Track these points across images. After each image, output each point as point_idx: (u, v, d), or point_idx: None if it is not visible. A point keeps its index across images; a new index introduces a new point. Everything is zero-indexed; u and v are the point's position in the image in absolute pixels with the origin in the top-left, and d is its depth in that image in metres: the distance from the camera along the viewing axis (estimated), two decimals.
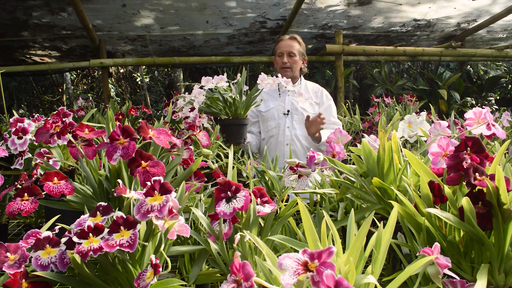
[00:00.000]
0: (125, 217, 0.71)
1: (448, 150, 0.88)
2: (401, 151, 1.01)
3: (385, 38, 4.92)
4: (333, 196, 1.16)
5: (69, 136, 1.07)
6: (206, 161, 1.34)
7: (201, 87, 1.93)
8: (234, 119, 1.95)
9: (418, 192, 0.83)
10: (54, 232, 0.77)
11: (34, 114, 1.88)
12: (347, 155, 1.21)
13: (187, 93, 2.03)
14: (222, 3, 3.77)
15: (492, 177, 0.71)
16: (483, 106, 1.02)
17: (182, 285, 0.72)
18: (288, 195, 1.08)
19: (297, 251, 0.52)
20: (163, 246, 0.75)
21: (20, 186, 0.99)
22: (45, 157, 1.25)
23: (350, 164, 1.15)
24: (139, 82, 8.81)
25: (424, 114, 1.36)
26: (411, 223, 0.78)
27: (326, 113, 2.50)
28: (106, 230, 0.71)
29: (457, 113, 4.13)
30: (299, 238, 0.92)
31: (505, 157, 1.11)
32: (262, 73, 1.98)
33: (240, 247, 0.80)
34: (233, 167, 1.01)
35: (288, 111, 2.55)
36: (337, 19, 4.28)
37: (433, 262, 0.62)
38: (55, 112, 1.15)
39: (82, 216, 0.76)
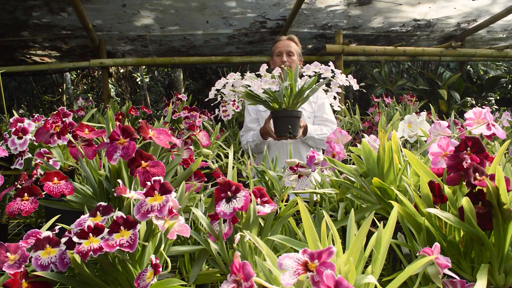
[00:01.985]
0: (125, 217, 0.71)
1: (448, 150, 0.88)
2: (401, 151, 1.01)
3: (385, 38, 4.92)
4: (333, 196, 1.16)
5: (69, 136, 1.07)
6: (206, 161, 1.34)
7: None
8: (292, 111, 1.87)
9: (418, 192, 0.83)
10: (54, 232, 0.77)
11: (34, 114, 1.88)
12: (347, 155, 1.21)
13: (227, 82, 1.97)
14: (222, 3, 3.77)
15: (492, 177, 0.71)
16: (483, 106, 1.02)
17: (182, 285, 0.72)
18: (288, 195, 1.08)
19: (297, 251, 0.52)
20: (163, 246, 0.75)
21: (20, 186, 0.99)
22: (45, 157, 1.25)
23: (350, 164, 1.15)
24: (139, 82, 8.82)
25: (424, 114, 1.36)
26: (411, 223, 0.78)
27: (319, 110, 2.49)
28: (106, 230, 0.71)
29: (457, 113, 4.13)
30: (299, 238, 0.92)
31: (505, 157, 1.11)
32: (263, 64, 1.93)
33: (240, 247, 0.80)
34: (233, 167, 1.01)
35: None
36: (337, 19, 4.28)
37: (433, 262, 0.62)
38: (55, 112, 1.15)
39: (82, 216, 0.76)
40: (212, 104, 2.57)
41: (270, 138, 2.41)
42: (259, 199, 0.86)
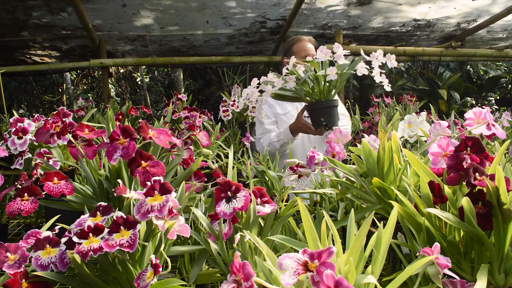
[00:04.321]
0: (125, 217, 0.71)
1: (448, 150, 0.88)
2: (401, 151, 1.01)
3: (385, 38, 4.91)
4: (333, 196, 1.16)
5: (69, 136, 1.07)
6: (206, 161, 1.34)
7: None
8: (329, 101, 1.77)
9: (418, 192, 0.83)
10: (54, 232, 0.77)
11: (34, 114, 1.88)
12: (347, 155, 1.21)
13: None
14: (222, 3, 3.76)
15: (492, 177, 0.71)
16: (483, 106, 1.02)
17: (182, 285, 0.72)
18: (288, 195, 1.08)
19: (297, 251, 0.52)
20: (163, 246, 0.75)
21: (20, 186, 0.99)
22: (45, 157, 1.25)
23: (350, 164, 1.15)
24: (139, 82, 8.82)
25: (424, 114, 1.36)
26: (411, 223, 0.78)
27: None
28: (106, 230, 0.71)
29: (457, 113, 4.13)
30: (299, 238, 0.92)
31: (505, 157, 1.11)
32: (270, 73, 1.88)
33: (240, 247, 0.80)
34: (233, 167, 1.01)
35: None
36: (337, 19, 4.28)
37: (433, 262, 0.62)
38: (55, 112, 1.15)
39: (82, 216, 0.76)
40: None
41: (298, 143, 2.37)
42: (259, 199, 0.86)
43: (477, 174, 0.73)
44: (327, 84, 1.72)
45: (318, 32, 4.57)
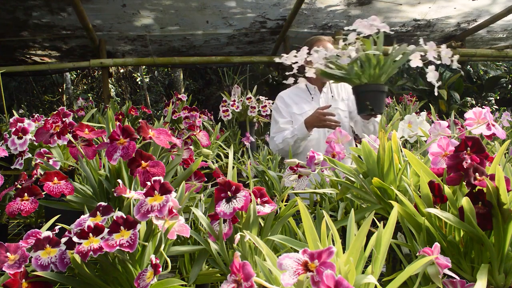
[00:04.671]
0: (125, 217, 0.71)
1: (448, 150, 0.88)
2: (401, 151, 1.01)
3: (385, 38, 4.91)
4: (333, 196, 1.16)
5: (69, 136, 1.07)
6: (206, 161, 1.34)
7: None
8: (378, 85, 1.65)
9: (418, 192, 0.83)
10: (54, 232, 0.77)
11: (34, 114, 1.88)
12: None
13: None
14: (222, 3, 3.76)
15: (492, 177, 0.71)
16: (483, 106, 1.02)
17: (182, 285, 0.72)
18: (288, 195, 1.08)
19: (297, 251, 0.52)
20: (163, 246, 0.75)
21: (20, 186, 0.99)
22: (45, 157, 1.25)
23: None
24: (139, 82, 8.82)
25: (424, 114, 1.36)
26: (411, 223, 0.78)
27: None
28: (106, 230, 0.71)
29: (457, 113, 4.13)
30: (299, 238, 0.92)
31: (505, 157, 1.11)
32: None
33: (240, 247, 0.80)
34: (233, 167, 1.01)
35: None
36: (337, 19, 4.28)
37: (433, 262, 0.62)
38: (55, 112, 1.15)
39: (82, 216, 0.76)
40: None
41: (313, 144, 2.32)
42: (259, 199, 0.86)
43: (477, 174, 0.73)
44: (378, 67, 1.59)
45: (318, 32, 4.56)
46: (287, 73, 1.86)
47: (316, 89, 2.48)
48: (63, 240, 0.74)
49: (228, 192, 0.81)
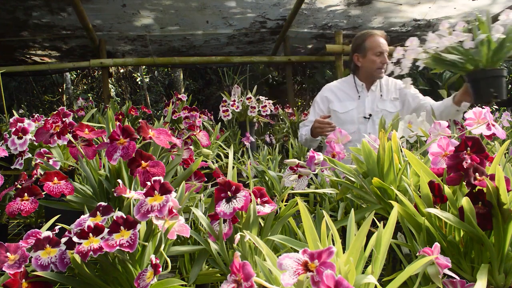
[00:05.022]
0: (125, 217, 0.71)
1: (448, 150, 0.88)
2: (401, 151, 1.01)
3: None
4: (333, 196, 1.16)
5: (69, 136, 1.07)
6: (206, 161, 1.34)
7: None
8: (498, 70, 1.58)
9: (418, 192, 0.83)
10: (54, 232, 0.77)
11: (34, 114, 1.88)
12: (347, 155, 1.21)
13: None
14: (222, 3, 3.76)
15: (492, 177, 0.71)
16: (483, 106, 1.02)
17: (182, 285, 0.72)
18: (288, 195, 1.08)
19: (297, 251, 0.52)
20: (163, 246, 0.75)
21: (20, 186, 0.99)
22: (45, 157, 1.26)
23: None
24: (139, 82, 8.81)
25: (424, 114, 1.36)
26: (411, 223, 0.78)
27: (414, 99, 2.33)
28: (106, 230, 0.71)
29: None
30: (299, 238, 0.92)
31: (505, 157, 1.11)
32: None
33: (240, 247, 0.80)
34: (233, 167, 1.01)
35: (370, 115, 2.33)
36: (337, 19, 4.28)
37: (433, 262, 0.62)
38: (55, 112, 1.15)
39: (82, 216, 0.76)
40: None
41: (351, 146, 2.26)
42: (259, 199, 0.86)
43: (477, 174, 0.73)
44: (495, 50, 1.54)
45: (318, 32, 4.57)
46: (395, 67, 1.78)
47: (364, 86, 2.38)
48: (63, 240, 0.74)
49: (228, 192, 0.81)
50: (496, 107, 5.11)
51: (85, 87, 9.32)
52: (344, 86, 2.44)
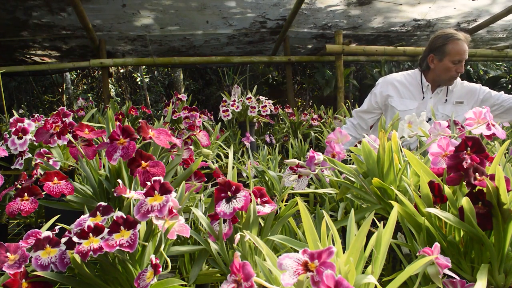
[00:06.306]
0: (125, 217, 0.71)
1: (448, 150, 0.88)
2: (401, 151, 1.01)
3: (385, 38, 4.91)
4: (333, 196, 1.16)
5: (69, 136, 1.07)
6: (206, 161, 1.34)
7: None
8: None
9: (418, 192, 0.83)
10: (54, 232, 0.77)
11: (34, 114, 1.88)
12: (347, 155, 1.21)
13: None
14: (222, 3, 3.77)
15: (492, 177, 0.71)
16: (483, 106, 1.02)
17: (182, 285, 0.72)
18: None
19: (297, 251, 0.52)
20: (163, 246, 0.75)
21: (20, 186, 0.99)
22: (45, 157, 1.25)
23: (350, 164, 1.15)
24: (139, 82, 8.81)
25: (424, 114, 1.36)
26: (411, 223, 0.78)
27: (488, 100, 2.22)
28: (106, 230, 0.71)
29: None
30: (299, 238, 0.92)
31: (505, 157, 1.11)
32: None
33: (240, 247, 0.80)
34: (233, 167, 1.01)
35: (430, 119, 2.14)
36: (337, 19, 4.28)
37: (433, 262, 0.62)
38: (55, 112, 1.15)
39: (82, 216, 0.76)
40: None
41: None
42: (259, 199, 0.86)
43: (477, 174, 0.73)
44: None
45: (318, 32, 4.57)
46: None
47: (429, 87, 2.24)
48: (63, 240, 0.74)
49: (228, 192, 0.81)
50: None
51: (85, 87, 9.32)
52: (409, 82, 2.27)
